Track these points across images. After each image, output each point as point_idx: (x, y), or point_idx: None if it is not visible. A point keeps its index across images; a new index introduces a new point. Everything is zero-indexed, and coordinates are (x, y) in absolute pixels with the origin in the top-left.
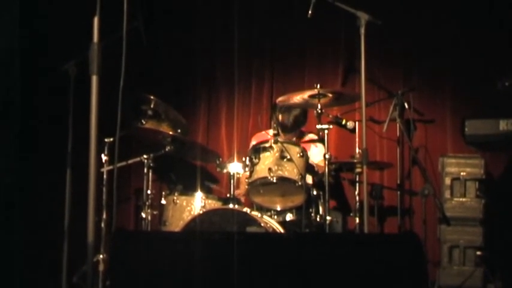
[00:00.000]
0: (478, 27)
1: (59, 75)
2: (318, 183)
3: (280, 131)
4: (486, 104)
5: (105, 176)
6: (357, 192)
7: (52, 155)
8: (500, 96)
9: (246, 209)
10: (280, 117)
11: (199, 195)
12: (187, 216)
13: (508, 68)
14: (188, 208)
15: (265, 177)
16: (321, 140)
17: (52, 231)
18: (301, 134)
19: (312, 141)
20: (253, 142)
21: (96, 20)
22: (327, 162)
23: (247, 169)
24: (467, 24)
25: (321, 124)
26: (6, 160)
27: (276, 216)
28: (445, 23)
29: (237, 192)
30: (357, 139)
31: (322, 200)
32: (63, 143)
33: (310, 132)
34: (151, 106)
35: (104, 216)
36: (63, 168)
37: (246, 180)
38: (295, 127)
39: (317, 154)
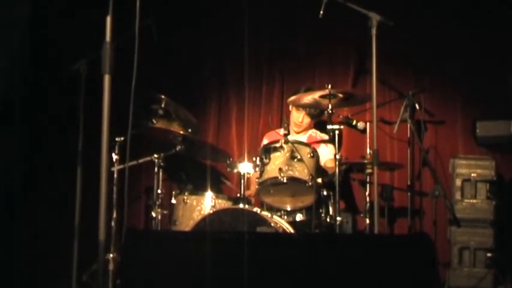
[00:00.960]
0: (489, 28)
1: (69, 74)
2: (327, 184)
3: (301, 120)
4: (497, 105)
5: (115, 175)
6: (367, 193)
7: (63, 154)
8: None
9: (256, 209)
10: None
11: (209, 194)
12: (197, 216)
13: None
14: (198, 208)
15: (276, 177)
16: (331, 140)
17: (62, 230)
18: (312, 134)
19: (323, 141)
20: (265, 140)
21: (108, 19)
22: (337, 162)
23: (257, 169)
24: (479, 24)
25: (332, 125)
26: (13, 159)
27: (286, 217)
28: (456, 24)
29: (247, 192)
30: (367, 140)
31: (332, 201)
32: (73, 142)
33: (321, 132)
34: (162, 105)
35: (114, 215)
36: (74, 167)
37: (256, 180)
38: (320, 114)
39: (326, 154)
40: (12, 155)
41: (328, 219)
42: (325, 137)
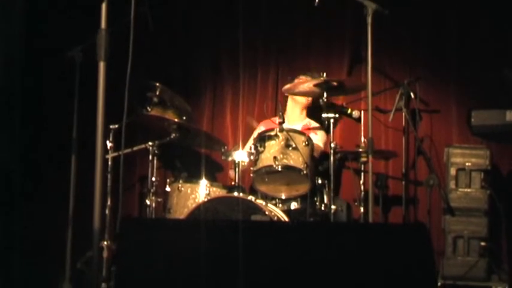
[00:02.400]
0: (485, 17)
1: (64, 61)
2: (322, 172)
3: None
4: (492, 94)
5: (110, 163)
6: (361, 182)
7: (57, 141)
8: (507, 86)
9: (251, 197)
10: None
11: (203, 182)
12: (191, 204)
13: None
14: (193, 196)
15: (271, 166)
16: (322, 128)
17: (57, 218)
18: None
19: (316, 128)
20: (262, 128)
21: (104, 6)
22: (332, 151)
23: (252, 157)
24: (475, 13)
25: (327, 113)
26: (9, 147)
27: (280, 205)
28: (452, 13)
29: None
30: (362, 128)
31: (327, 189)
32: (68, 129)
33: (312, 119)
34: (157, 93)
35: (109, 203)
36: (69, 154)
37: (251, 168)
38: None
39: (315, 139)
40: (7, 142)
41: (322, 208)
42: (316, 124)
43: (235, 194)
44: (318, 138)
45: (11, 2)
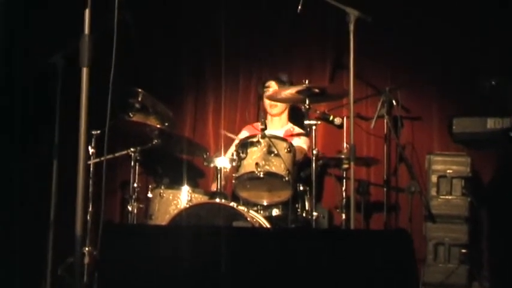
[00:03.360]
0: (467, 25)
1: (46, 67)
2: (304, 179)
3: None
4: (474, 102)
5: (91, 169)
6: (343, 188)
7: (39, 146)
8: (488, 95)
9: (233, 204)
10: (274, 83)
11: (185, 189)
12: (173, 210)
13: (497, 66)
14: (174, 202)
15: (253, 172)
16: (305, 134)
17: (38, 223)
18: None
19: (297, 134)
20: (244, 133)
21: (87, 12)
22: (314, 157)
23: (234, 163)
24: (456, 22)
25: (309, 120)
26: None
27: (262, 211)
28: (434, 21)
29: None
30: (344, 135)
31: (308, 196)
32: (50, 135)
33: (295, 126)
34: (139, 99)
35: (91, 208)
36: (50, 160)
37: (233, 175)
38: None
39: (299, 142)
40: None
41: (304, 214)
42: (300, 130)
43: (217, 200)
44: (301, 141)
45: None
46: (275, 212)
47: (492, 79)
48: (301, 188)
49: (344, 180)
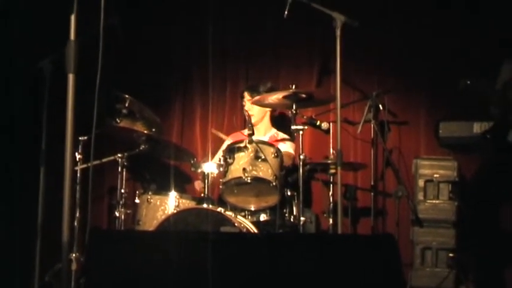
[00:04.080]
0: (454, 29)
1: (34, 72)
2: (291, 184)
3: (248, 108)
4: (460, 106)
5: (78, 175)
6: (330, 193)
7: (26, 152)
8: (463, 94)
9: (220, 209)
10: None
11: (173, 194)
12: (161, 216)
13: (484, 70)
14: (162, 207)
15: (240, 177)
16: (290, 139)
17: (24, 230)
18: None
19: (282, 140)
20: (229, 140)
21: (73, 18)
22: (301, 162)
23: (221, 169)
24: (443, 26)
25: (296, 125)
26: None
27: (250, 217)
28: (421, 25)
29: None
30: (331, 140)
31: (296, 201)
32: (37, 141)
33: (279, 131)
34: (126, 105)
35: (77, 214)
36: (37, 166)
37: (221, 180)
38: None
39: (285, 147)
40: None
41: (292, 219)
42: (284, 136)
43: (205, 205)
44: (287, 146)
45: None
46: (263, 217)
47: (467, 79)
48: (289, 193)
49: (331, 185)
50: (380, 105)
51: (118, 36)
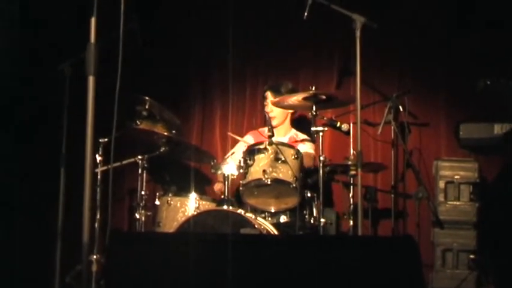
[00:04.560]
0: (473, 30)
1: (54, 75)
2: (311, 185)
3: (270, 110)
4: (481, 107)
5: (99, 177)
6: (351, 195)
7: (47, 154)
8: (482, 94)
9: (240, 211)
10: (270, 94)
11: (193, 196)
12: (181, 217)
13: (503, 70)
14: (182, 209)
15: (260, 179)
16: (309, 139)
17: (46, 231)
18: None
19: (302, 140)
20: (248, 137)
21: (93, 21)
22: (321, 164)
23: (241, 170)
24: (463, 26)
25: (316, 126)
26: (2, 161)
27: (270, 218)
28: (441, 26)
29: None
30: (351, 142)
31: (316, 202)
32: (57, 143)
33: (298, 132)
34: (146, 107)
35: (98, 216)
36: (57, 169)
37: (241, 182)
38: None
39: (306, 148)
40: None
41: (312, 221)
42: (304, 136)
43: (225, 207)
44: (308, 147)
45: (5, 16)
46: (283, 218)
47: (487, 79)
48: (309, 194)
49: (351, 187)
50: (400, 107)
51: (137, 40)
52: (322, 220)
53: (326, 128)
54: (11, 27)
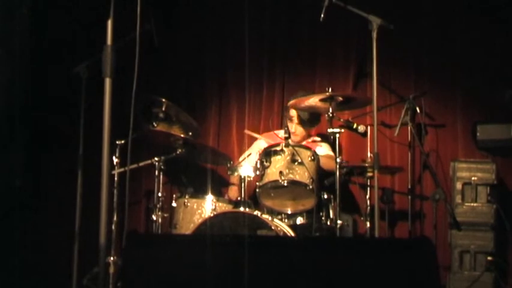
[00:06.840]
0: (490, 31)
1: (70, 77)
2: (328, 187)
3: (294, 130)
4: (498, 108)
5: (116, 178)
6: (367, 196)
7: (63, 157)
8: (507, 104)
9: (257, 212)
10: (296, 113)
11: (210, 198)
12: (197, 219)
13: None
14: (199, 211)
15: (276, 181)
16: (325, 141)
17: (62, 233)
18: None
19: (317, 141)
20: (262, 139)
21: (109, 23)
22: (337, 166)
23: (257, 172)
24: (480, 28)
25: (332, 128)
26: (16, 163)
27: (286, 220)
28: (457, 27)
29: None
30: (368, 143)
31: (332, 204)
32: (74, 145)
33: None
34: (163, 109)
35: (115, 218)
36: (75, 170)
37: (257, 183)
38: (314, 121)
39: (324, 151)
40: (14, 159)
41: (328, 223)
42: (318, 138)
43: (241, 209)
44: (326, 148)
45: (16, 18)
46: (299, 220)
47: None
48: (326, 196)
49: (368, 188)
50: (417, 108)
51: (153, 41)
52: (339, 222)
53: (343, 130)
54: (24, 30)
